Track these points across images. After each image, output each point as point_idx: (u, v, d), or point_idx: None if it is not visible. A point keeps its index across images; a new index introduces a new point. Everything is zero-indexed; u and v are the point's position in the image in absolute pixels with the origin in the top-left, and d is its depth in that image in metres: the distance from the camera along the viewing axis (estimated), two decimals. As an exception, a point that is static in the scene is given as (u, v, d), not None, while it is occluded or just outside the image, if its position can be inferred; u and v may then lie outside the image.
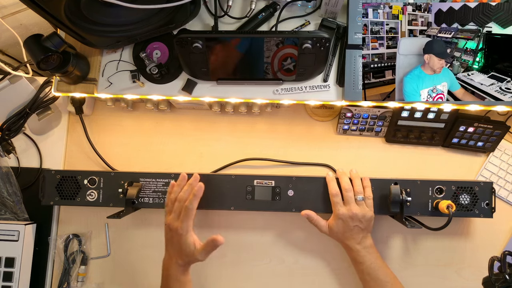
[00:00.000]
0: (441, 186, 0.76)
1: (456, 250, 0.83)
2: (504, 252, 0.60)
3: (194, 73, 0.73)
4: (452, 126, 0.80)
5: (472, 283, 0.82)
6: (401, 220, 0.74)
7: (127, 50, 0.76)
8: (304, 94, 0.73)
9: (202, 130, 0.88)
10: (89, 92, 0.75)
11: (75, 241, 0.86)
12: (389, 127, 0.83)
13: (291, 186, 0.78)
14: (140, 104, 0.90)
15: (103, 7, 0.62)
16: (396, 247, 0.83)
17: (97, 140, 0.88)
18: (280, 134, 0.87)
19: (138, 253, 0.86)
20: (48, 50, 0.64)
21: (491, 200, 0.76)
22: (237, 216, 0.85)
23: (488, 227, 0.82)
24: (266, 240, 0.84)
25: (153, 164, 0.88)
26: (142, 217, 0.86)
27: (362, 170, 0.79)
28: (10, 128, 0.82)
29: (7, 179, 0.84)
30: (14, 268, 0.80)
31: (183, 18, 0.71)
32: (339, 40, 0.73)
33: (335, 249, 0.82)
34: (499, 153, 0.84)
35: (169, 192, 0.74)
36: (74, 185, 0.80)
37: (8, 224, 0.81)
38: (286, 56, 0.67)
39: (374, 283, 0.73)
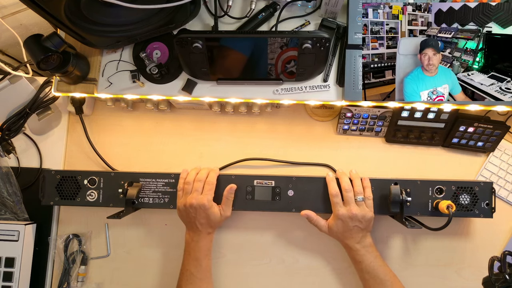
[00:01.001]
0: (441, 186, 0.76)
1: (456, 250, 0.83)
2: (504, 252, 0.60)
3: (194, 73, 0.73)
4: (452, 126, 0.80)
5: (472, 283, 0.82)
6: (401, 220, 0.74)
7: (127, 50, 0.76)
8: (304, 94, 0.73)
9: (202, 130, 0.88)
10: (89, 92, 0.75)
11: (75, 241, 0.86)
12: (389, 127, 0.83)
13: (291, 186, 0.78)
14: (140, 104, 0.90)
15: (103, 7, 0.62)
16: (396, 247, 0.83)
17: (97, 140, 0.88)
18: (280, 134, 0.87)
19: (138, 253, 0.86)
20: (48, 50, 0.64)
21: (491, 200, 0.76)
22: (237, 216, 0.85)
23: (488, 227, 0.82)
24: (266, 240, 0.84)
25: (153, 164, 0.88)
26: (142, 217, 0.86)
27: (362, 170, 0.79)
28: (10, 128, 0.82)
29: (7, 179, 0.84)
30: (14, 268, 0.80)
31: (183, 18, 0.71)
32: (339, 40, 0.73)
33: (335, 249, 0.82)
34: (499, 153, 0.84)
35: (183, 177, 0.78)
36: (74, 185, 0.80)
37: (8, 224, 0.81)
38: (290, 59, 0.67)
39: (373, 282, 0.73)
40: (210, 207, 0.74)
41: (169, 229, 0.85)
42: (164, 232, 0.85)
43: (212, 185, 0.75)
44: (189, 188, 0.76)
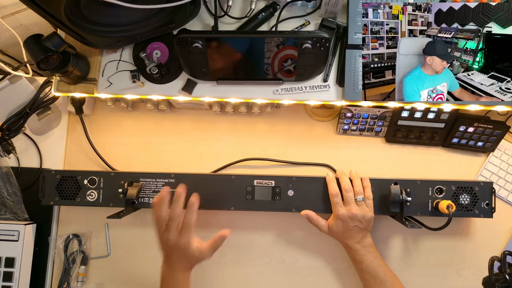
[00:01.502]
0: (441, 186, 0.76)
1: (456, 250, 0.83)
2: (504, 252, 0.60)
3: (194, 73, 0.73)
4: (452, 126, 0.80)
5: (472, 283, 0.82)
6: (401, 220, 0.74)
7: (127, 50, 0.76)
8: (304, 94, 0.73)
9: (202, 130, 0.88)
10: (89, 92, 0.75)
11: (75, 241, 0.86)
12: (389, 127, 0.83)
13: (291, 186, 0.78)
14: (140, 104, 0.89)
15: (103, 7, 0.62)
16: (396, 247, 0.83)
17: (97, 140, 0.88)
18: (280, 134, 0.87)
19: (138, 253, 0.86)
20: (48, 50, 0.64)
21: (491, 200, 0.76)
22: (237, 216, 0.85)
23: (488, 227, 0.82)
24: (266, 240, 0.84)
25: (153, 164, 0.88)
26: (142, 217, 0.86)
27: (362, 170, 0.79)
28: (10, 128, 0.82)
29: (7, 179, 0.84)
30: (14, 268, 0.80)
31: (183, 18, 0.71)
32: (339, 40, 0.73)
33: (335, 249, 0.82)
34: (499, 153, 0.84)
35: (155, 210, 0.68)
36: (74, 185, 0.80)
37: (8, 224, 0.81)
38: (287, 57, 0.67)
39: (373, 282, 0.73)
40: (186, 247, 0.67)
41: (169, 229, 0.85)
42: (164, 232, 0.85)
43: (190, 225, 0.67)
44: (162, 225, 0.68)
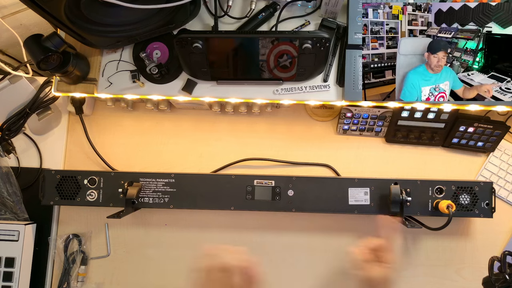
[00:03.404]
0: (441, 186, 0.76)
1: (456, 250, 0.83)
2: (504, 252, 0.60)
3: (194, 73, 0.73)
4: (452, 126, 0.80)
5: (472, 283, 0.82)
6: (401, 220, 0.74)
7: (127, 50, 0.76)
8: (304, 94, 0.73)
9: (202, 130, 0.88)
10: (89, 92, 0.75)
11: (75, 241, 0.86)
12: (389, 127, 0.83)
13: (291, 186, 0.78)
14: (140, 104, 0.89)
15: (103, 7, 0.62)
16: (396, 247, 0.83)
17: (97, 140, 0.88)
18: (280, 134, 0.87)
19: (138, 253, 0.86)
20: (48, 50, 0.64)
21: (491, 200, 0.76)
22: (237, 216, 0.85)
23: (488, 227, 0.82)
24: (266, 240, 0.84)
25: (153, 164, 0.88)
26: (142, 217, 0.86)
27: (362, 170, 0.79)
28: (10, 128, 0.82)
29: (7, 179, 0.84)
30: (14, 268, 0.80)
31: (183, 18, 0.71)
32: (339, 40, 0.73)
33: (336, 249, 0.82)
34: (499, 153, 0.84)
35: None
36: (74, 185, 0.80)
37: (8, 224, 0.81)
38: (282, 53, 0.67)
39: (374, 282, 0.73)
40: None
41: (169, 229, 0.85)
42: (164, 232, 0.85)
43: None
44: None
